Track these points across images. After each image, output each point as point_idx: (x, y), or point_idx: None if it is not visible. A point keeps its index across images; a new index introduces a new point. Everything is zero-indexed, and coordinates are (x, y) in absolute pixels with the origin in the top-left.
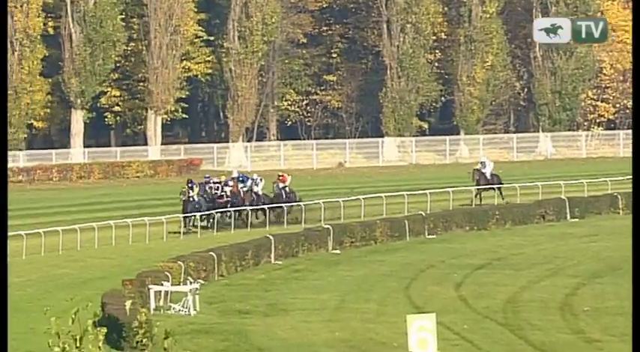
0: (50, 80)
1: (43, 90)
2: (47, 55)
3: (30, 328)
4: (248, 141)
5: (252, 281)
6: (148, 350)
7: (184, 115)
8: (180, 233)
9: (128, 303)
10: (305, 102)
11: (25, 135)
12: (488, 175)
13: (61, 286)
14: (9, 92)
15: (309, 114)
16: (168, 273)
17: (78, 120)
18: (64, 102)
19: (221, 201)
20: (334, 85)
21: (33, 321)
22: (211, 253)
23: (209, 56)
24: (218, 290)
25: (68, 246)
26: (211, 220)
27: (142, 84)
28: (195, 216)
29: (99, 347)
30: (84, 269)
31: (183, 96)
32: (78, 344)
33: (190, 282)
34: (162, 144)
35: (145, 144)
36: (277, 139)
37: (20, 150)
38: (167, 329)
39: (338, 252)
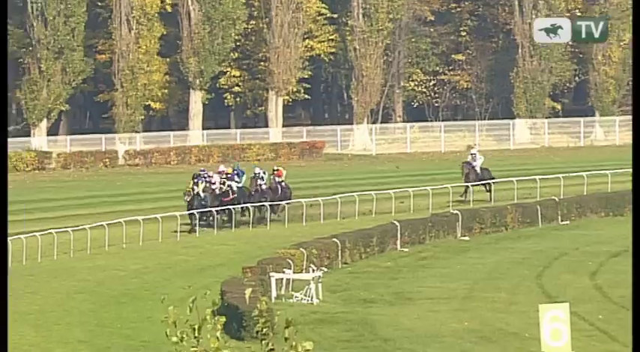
0: (168, 60)
1: (161, 70)
2: (165, 33)
3: (147, 317)
4: (373, 122)
5: (378, 268)
6: (269, 340)
7: (306, 96)
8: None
9: (248, 291)
10: (432, 82)
11: (142, 117)
12: (478, 169)
13: (179, 273)
14: (126, 71)
15: (436, 95)
16: (290, 260)
17: (196, 101)
18: (182, 83)
19: (227, 199)
20: (463, 64)
21: (150, 310)
22: (335, 239)
23: (332, 35)
24: (342, 278)
25: (186, 232)
26: (224, 218)
27: (262, 63)
28: (211, 211)
29: (217, 337)
30: (202, 256)
31: (306, 77)
32: (196, 334)
33: (313, 270)
34: (283, 126)
35: (266, 125)
36: (403, 121)
37: (137, 132)
38: (288, 319)
39: (467, 238)
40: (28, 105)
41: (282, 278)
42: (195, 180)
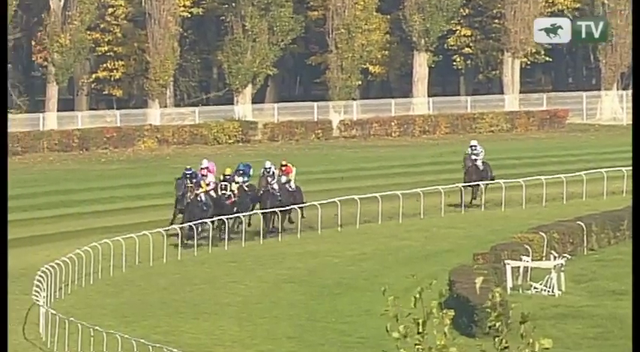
0: (389, 17)
1: (381, 29)
2: None
3: (365, 310)
4: (623, 88)
5: (629, 256)
6: (502, 337)
7: (547, 58)
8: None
9: (479, 281)
10: None
11: (360, 82)
12: (480, 164)
13: (401, 260)
14: (341, 30)
15: None
16: (527, 246)
17: (421, 64)
18: (404, 43)
19: (229, 202)
20: None
21: (368, 302)
22: (579, 222)
23: None
24: (588, 267)
25: (410, 213)
26: (230, 228)
27: (497, 21)
28: (210, 222)
29: (445, 333)
30: (428, 241)
31: None
32: (420, 329)
33: (554, 257)
34: (520, 92)
35: (501, 92)
36: None
37: (354, 99)
38: (525, 312)
39: None
40: (230, 69)
41: (518, 267)
42: (195, 180)
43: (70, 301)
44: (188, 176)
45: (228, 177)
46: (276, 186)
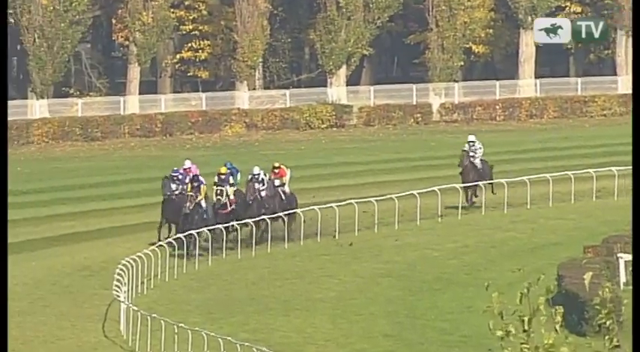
0: None
1: (485, 6)
2: None
3: (467, 307)
4: None
5: None
6: (613, 336)
7: None
8: None
9: (588, 276)
10: None
11: (462, 63)
12: (478, 163)
13: (506, 254)
14: (442, 7)
15: None
16: None
17: (528, 43)
18: (510, 21)
19: (224, 211)
20: None
21: (470, 298)
22: None
23: None
24: None
25: (515, 203)
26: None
27: None
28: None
29: (556, 330)
30: (535, 233)
31: None
32: (526, 327)
33: None
34: None
35: (614, 73)
36: None
37: (455, 81)
38: None
39: None
40: (323, 49)
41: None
42: (196, 184)
43: (153, 296)
44: (176, 178)
45: (223, 177)
46: (264, 194)
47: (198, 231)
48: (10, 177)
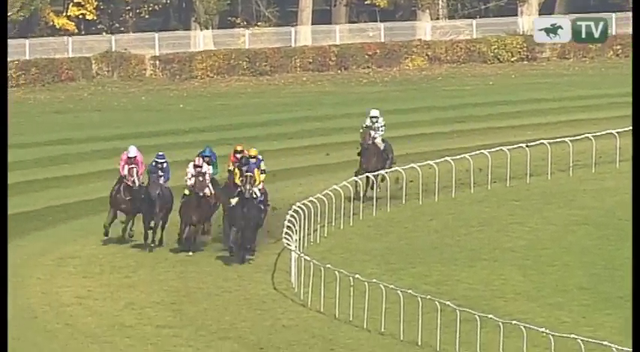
0: None
1: None
2: None
3: None
4: None
5: None
6: None
7: None
8: None
9: None
10: None
11: None
12: (380, 142)
13: None
14: None
15: None
16: None
17: None
18: None
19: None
20: None
21: None
22: None
23: None
24: None
25: None
26: None
27: None
28: None
29: None
30: None
31: None
32: None
33: None
34: None
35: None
36: None
37: None
38: None
39: None
40: None
41: None
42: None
43: (327, 245)
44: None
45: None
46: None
47: (375, 173)
48: (172, 114)
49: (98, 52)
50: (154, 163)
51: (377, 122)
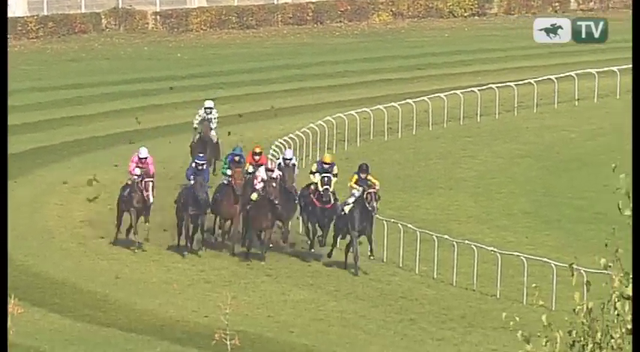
0: None
1: None
2: None
3: (603, 185)
4: None
5: None
6: None
7: None
8: None
9: None
10: None
11: None
12: (214, 135)
13: None
14: None
15: None
16: None
17: None
18: None
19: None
20: None
21: (606, 177)
22: None
23: None
24: None
25: None
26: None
27: None
28: None
29: None
30: None
31: None
32: None
33: None
34: None
35: None
36: None
37: None
38: None
39: None
40: None
41: None
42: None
43: (304, 175)
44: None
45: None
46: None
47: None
48: (170, 63)
49: (107, 8)
50: (194, 164)
51: (211, 114)
